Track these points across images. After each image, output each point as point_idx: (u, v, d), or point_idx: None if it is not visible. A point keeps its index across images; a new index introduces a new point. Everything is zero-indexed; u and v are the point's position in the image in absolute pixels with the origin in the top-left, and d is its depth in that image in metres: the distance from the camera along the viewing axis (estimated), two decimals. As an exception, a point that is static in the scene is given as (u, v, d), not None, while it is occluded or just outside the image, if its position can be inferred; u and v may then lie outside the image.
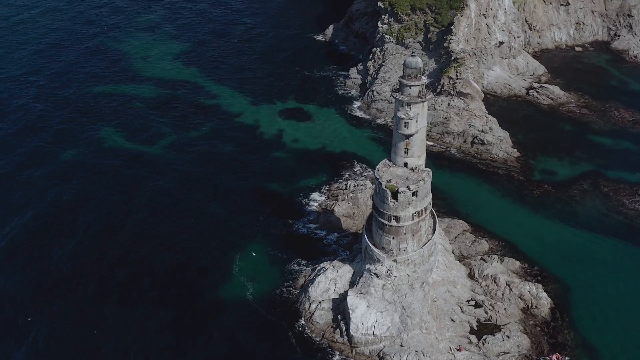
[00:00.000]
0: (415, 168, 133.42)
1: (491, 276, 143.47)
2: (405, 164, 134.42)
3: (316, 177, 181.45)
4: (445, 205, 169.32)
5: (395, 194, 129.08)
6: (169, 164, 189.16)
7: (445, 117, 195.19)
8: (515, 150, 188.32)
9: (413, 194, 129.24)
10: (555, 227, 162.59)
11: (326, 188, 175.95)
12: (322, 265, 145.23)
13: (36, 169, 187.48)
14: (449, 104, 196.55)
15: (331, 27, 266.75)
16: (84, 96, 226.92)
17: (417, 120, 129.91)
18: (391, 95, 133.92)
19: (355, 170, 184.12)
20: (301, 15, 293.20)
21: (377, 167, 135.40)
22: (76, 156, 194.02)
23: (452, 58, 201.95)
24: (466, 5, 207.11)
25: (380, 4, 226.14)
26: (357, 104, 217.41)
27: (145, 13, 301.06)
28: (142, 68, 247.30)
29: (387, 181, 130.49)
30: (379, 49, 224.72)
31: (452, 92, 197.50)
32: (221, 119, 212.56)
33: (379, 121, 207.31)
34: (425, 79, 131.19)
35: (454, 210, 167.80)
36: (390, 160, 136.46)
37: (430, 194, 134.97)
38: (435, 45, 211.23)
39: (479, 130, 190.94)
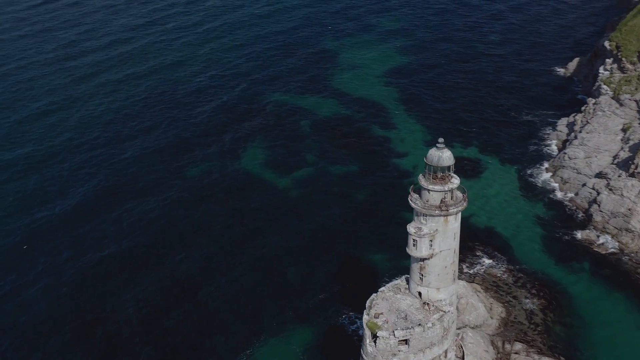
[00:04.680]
0: (430, 304, 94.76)
1: None
2: (420, 294, 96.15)
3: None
4: (564, 335, 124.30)
5: (376, 336, 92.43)
6: (282, 202, 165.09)
7: (629, 209, 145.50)
8: None
9: (404, 342, 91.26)
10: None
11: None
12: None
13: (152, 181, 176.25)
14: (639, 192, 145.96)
15: (576, 60, 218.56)
16: (251, 103, 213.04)
17: (435, 240, 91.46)
18: (409, 200, 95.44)
19: (476, 259, 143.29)
20: (567, 38, 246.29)
21: (381, 289, 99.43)
22: (199, 173, 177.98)
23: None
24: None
25: (606, 44, 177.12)
26: (545, 166, 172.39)
27: (391, 14, 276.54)
28: (341, 79, 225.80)
29: (374, 314, 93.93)
30: (593, 100, 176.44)
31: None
32: (379, 157, 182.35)
33: (560, 195, 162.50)
34: (456, 182, 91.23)
35: (568, 348, 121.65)
36: (407, 282, 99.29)
37: (447, 342, 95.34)
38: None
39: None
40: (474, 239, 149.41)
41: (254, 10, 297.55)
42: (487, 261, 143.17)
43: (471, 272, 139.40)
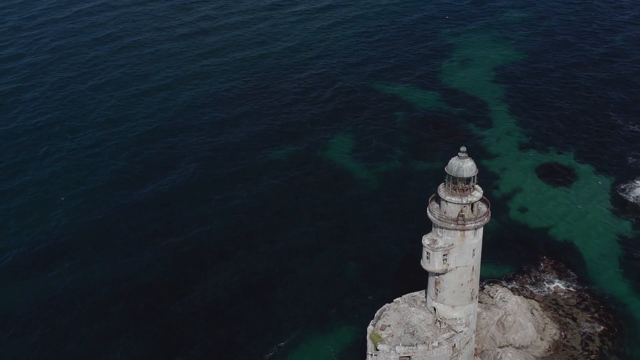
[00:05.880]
0: (443, 321, 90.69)
1: None
2: (435, 310, 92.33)
3: (497, 265, 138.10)
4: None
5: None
6: (362, 199, 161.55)
7: None
8: None
9: (406, 359, 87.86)
10: None
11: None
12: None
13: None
14: None
15: None
16: (353, 94, 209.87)
17: (450, 255, 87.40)
18: (427, 209, 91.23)
19: (543, 274, 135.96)
20: None
21: (396, 299, 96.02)
22: (286, 164, 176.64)
23: None
24: None
25: None
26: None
27: (524, 8, 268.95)
28: (450, 73, 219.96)
29: (380, 326, 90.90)
30: None
31: None
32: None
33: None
34: (477, 195, 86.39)
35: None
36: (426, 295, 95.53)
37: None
38: None
39: None
40: (547, 252, 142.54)
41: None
42: (554, 277, 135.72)
43: (534, 288, 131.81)
